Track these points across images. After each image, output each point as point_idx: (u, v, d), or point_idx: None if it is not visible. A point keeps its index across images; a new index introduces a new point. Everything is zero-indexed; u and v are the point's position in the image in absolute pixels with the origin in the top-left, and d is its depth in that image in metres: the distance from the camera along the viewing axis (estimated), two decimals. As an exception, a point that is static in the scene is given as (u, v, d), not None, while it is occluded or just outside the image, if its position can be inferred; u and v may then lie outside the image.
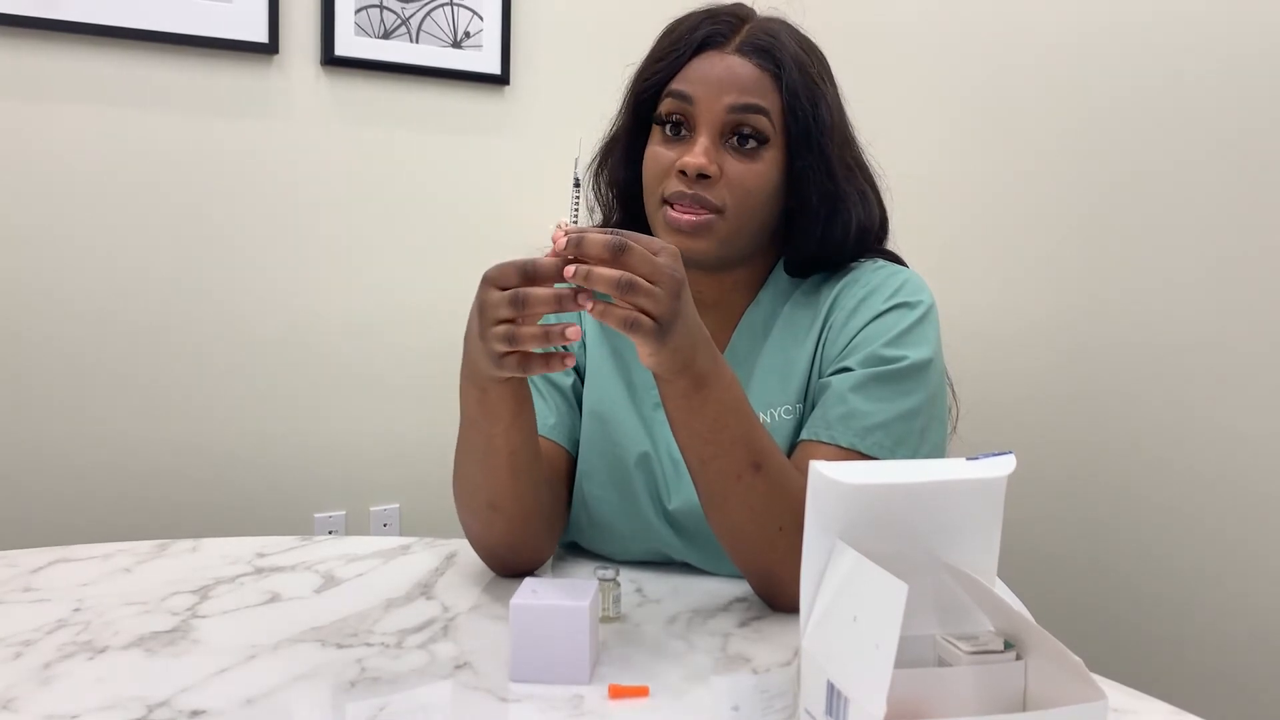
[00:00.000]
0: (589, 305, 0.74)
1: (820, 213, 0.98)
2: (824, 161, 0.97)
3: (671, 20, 1.02)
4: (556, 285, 0.74)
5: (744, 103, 0.94)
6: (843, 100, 1.02)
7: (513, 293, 0.74)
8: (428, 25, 1.93)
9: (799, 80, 0.96)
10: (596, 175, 1.07)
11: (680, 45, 0.97)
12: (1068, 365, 1.56)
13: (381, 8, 1.89)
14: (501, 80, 2.00)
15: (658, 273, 0.74)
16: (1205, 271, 1.37)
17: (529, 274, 0.74)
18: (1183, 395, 1.40)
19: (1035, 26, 1.61)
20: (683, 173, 0.93)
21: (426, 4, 1.93)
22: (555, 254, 0.74)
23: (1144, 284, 1.45)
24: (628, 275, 0.73)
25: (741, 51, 0.96)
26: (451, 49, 1.96)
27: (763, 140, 0.95)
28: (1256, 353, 1.32)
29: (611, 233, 0.74)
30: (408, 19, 1.91)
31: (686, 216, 0.93)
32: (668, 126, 0.96)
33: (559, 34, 2.07)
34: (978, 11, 1.71)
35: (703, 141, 0.93)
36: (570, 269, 0.73)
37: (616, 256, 0.73)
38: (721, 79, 0.94)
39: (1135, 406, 1.46)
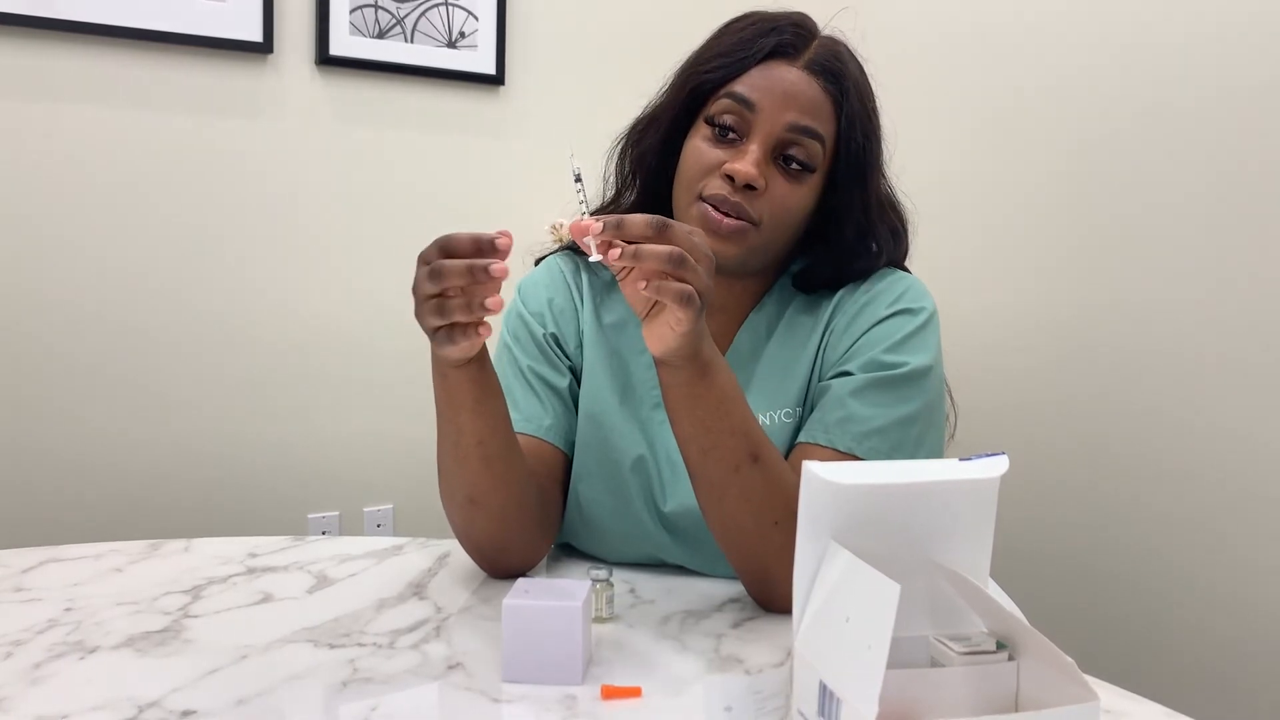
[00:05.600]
0: (641, 284, 0.75)
1: (850, 244, 0.99)
2: (864, 196, 0.97)
3: (731, 18, 1.00)
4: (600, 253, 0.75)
5: (804, 124, 0.93)
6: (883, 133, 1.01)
7: (429, 266, 0.76)
8: (423, 25, 1.93)
9: (858, 111, 0.95)
10: (622, 153, 1.05)
11: (749, 48, 0.95)
12: (1062, 368, 1.56)
13: (376, 7, 1.88)
14: (496, 80, 2.00)
15: (696, 249, 0.76)
16: (1203, 276, 1.37)
17: (446, 248, 0.77)
18: (1176, 398, 1.40)
19: (1045, 32, 1.61)
20: (729, 178, 0.92)
21: (421, 4, 1.92)
22: (601, 245, 0.75)
23: (1141, 288, 1.45)
24: (678, 249, 0.74)
25: (810, 69, 0.94)
26: (446, 49, 1.95)
27: (811, 168, 0.94)
28: (1252, 356, 1.32)
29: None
30: (403, 19, 1.91)
31: (726, 219, 0.92)
32: (718, 127, 0.95)
33: (554, 34, 2.06)
34: (989, 16, 1.71)
35: (755, 152, 0.92)
36: (615, 251, 0.74)
37: (661, 234, 0.74)
38: (787, 93, 0.93)
39: (1128, 408, 1.46)
